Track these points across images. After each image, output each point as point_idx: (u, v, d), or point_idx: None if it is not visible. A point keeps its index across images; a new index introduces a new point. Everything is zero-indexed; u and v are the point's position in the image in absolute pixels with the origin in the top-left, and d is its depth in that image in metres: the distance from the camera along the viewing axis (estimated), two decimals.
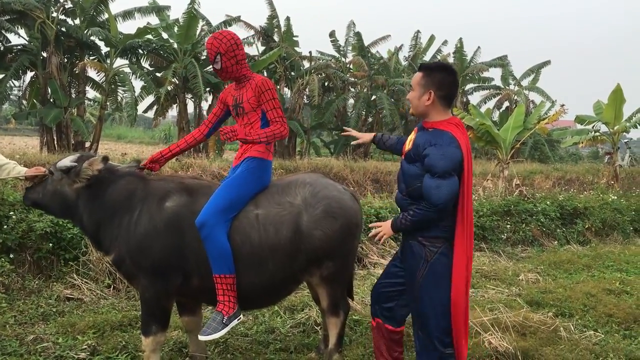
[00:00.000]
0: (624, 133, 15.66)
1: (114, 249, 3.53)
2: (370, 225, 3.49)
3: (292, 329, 4.77)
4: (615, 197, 11.31)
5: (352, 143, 3.75)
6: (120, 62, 20.04)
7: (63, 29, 18.37)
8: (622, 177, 16.19)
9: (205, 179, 4.14)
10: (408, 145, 3.30)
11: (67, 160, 3.55)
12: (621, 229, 10.36)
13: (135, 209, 3.52)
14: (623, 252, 8.95)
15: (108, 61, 19.56)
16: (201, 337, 3.48)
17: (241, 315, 3.58)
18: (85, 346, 4.12)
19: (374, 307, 3.56)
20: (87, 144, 19.18)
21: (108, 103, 20.18)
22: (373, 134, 3.88)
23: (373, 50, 27.50)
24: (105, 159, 3.56)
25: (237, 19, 22.21)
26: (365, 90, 26.98)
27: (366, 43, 26.81)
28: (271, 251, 3.55)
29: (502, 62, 30.98)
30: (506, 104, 31.11)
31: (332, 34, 26.68)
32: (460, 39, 29.79)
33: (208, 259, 3.44)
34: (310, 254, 3.64)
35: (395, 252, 3.70)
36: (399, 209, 3.45)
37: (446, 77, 3.21)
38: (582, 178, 17.92)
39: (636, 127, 14.59)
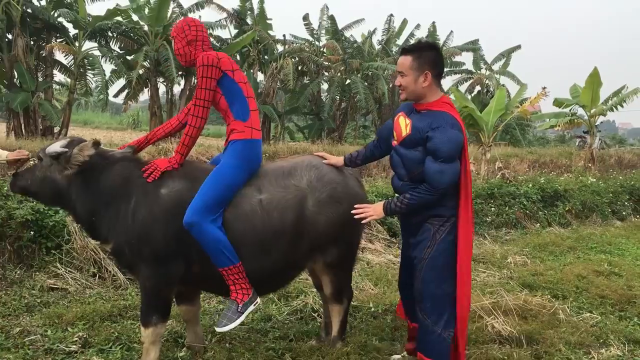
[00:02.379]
0: (601, 116, 15.87)
1: (112, 238, 3.35)
2: (356, 206, 3.38)
3: (289, 316, 4.66)
4: (594, 180, 11.46)
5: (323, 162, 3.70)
6: (89, 45, 19.41)
7: (29, 10, 17.65)
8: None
9: (202, 162, 3.95)
10: (406, 131, 3.22)
11: (57, 146, 3.32)
12: (600, 211, 10.50)
13: (132, 196, 3.33)
14: (604, 233, 9.10)
15: (77, 44, 18.93)
16: (218, 329, 3.37)
17: (258, 300, 3.45)
18: (76, 338, 3.93)
19: (410, 312, 3.51)
20: (56, 129, 18.63)
21: (78, 86, 19.56)
22: (342, 158, 3.76)
23: (347, 34, 27.25)
24: (96, 143, 3.35)
25: (209, 1, 21.71)
26: (339, 74, 26.77)
27: (340, 26, 26.57)
28: (275, 237, 3.41)
29: (473, 46, 31.07)
30: (477, 88, 31.27)
31: (305, 17, 26.31)
32: (434, 22, 29.90)
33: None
34: (314, 239, 3.52)
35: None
36: (397, 194, 3.40)
37: (436, 55, 3.22)
38: (555, 161, 18.14)
39: (612, 110, 14.81)
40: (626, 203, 11.22)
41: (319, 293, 4.25)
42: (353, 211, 3.34)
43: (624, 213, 10.92)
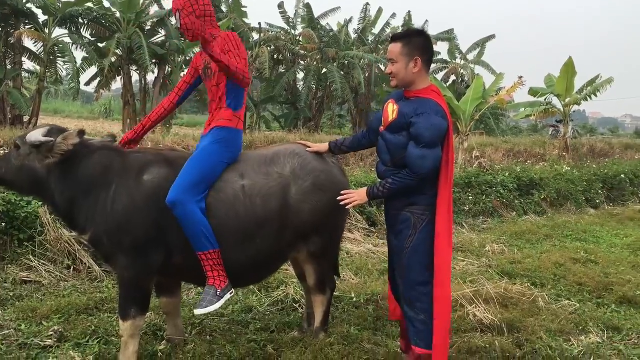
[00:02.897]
0: (575, 105, 16.06)
1: (90, 228, 3.25)
2: (342, 192, 3.35)
3: (270, 307, 4.60)
4: (569, 169, 11.60)
5: (307, 150, 3.67)
6: (59, 32, 18.96)
7: None
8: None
9: (183, 150, 3.87)
10: (392, 116, 3.23)
11: (39, 134, 3.19)
12: (574, 199, 10.63)
13: (112, 185, 3.24)
14: (579, 221, 9.22)
15: (46, 30, 18.48)
16: (197, 312, 3.28)
17: (233, 290, 3.39)
18: (52, 332, 3.81)
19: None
20: (26, 119, 18.22)
21: (48, 74, 19.10)
22: (327, 144, 3.75)
23: (323, 23, 27.13)
24: (81, 132, 3.24)
25: None
26: (315, 63, 26.64)
27: (316, 15, 26.41)
28: (258, 225, 3.35)
29: (449, 36, 31.14)
30: (453, 78, 31.43)
31: (280, 6, 26.14)
32: (409, 12, 29.86)
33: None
34: (298, 228, 3.47)
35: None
36: (380, 180, 3.39)
37: (425, 41, 3.23)
38: (530, 150, 18.35)
39: (586, 100, 15.00)
40: (600, 191, 11.38)
41: (301, 284, 4.21)
42: (339, 197, 3.31)
43: (597, 201, 11.08)
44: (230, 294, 3.36)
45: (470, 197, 9.13)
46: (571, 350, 3.94)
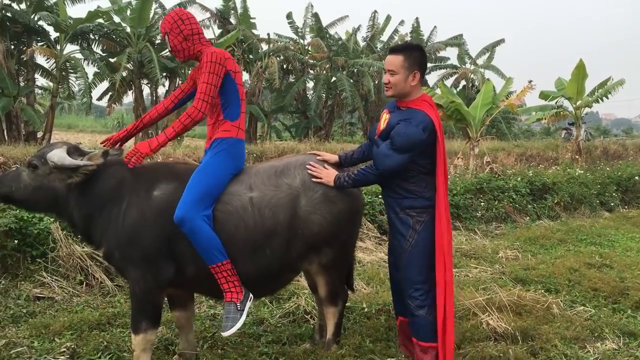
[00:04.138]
0: (587, 108, 15.93)
1: (104, 242, 3.29)
2: (318, 157, 3.60)
3: (281, 319, 4.58)
4: (582, 172, 11.48)
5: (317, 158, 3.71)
6: (70, 48, 19.22)
7: (8, 14, 17.44)
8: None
9: (194, 163, 3.87)
10: (383, 125, 3.44)
11: (63, 155, 3.21)
12: (588, 203, 10.49)
13: (124, 200, 3.28)
14: (593, 225, 9.09)
15: (58, 47, 18.72)
16: (225, 334, 3.31)
17: (251, 295, 3.42)
18: (64, 349, 3.82)
19: (397, 305, 3.76)
20: (39, 134, 18.41)
21: (60, 90, 19.33)
22: (336, 156, 3.82)
23: (331, 32, 27.27)
24: (105, 153, 3.29)
25: (192, 1, 21.61)
26: (324, 72, 26.71)
27: (324, 24, 26.51)
28: (267, 237, 3.36)
29: (457, 41, 31.16)
30: (463, 82, 31.35)
31: (289, 16, 26.29)
32: (417, 18, 29.94)
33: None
34: (309, 240, 3.46)
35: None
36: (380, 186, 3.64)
37: (422, 56, 3.43)
38: (542, 154, 18.22)
39: (597, 102, 14.88)
40: (614, 194, 11.23)
41: (313, 295, 4.19)
42: (308, 164, 3.51)
43: (612, 204, 10.94)
44: (250, 301, 3.39)
45: (482, 203, 9.06)
46: (586, 358, 3.89)
